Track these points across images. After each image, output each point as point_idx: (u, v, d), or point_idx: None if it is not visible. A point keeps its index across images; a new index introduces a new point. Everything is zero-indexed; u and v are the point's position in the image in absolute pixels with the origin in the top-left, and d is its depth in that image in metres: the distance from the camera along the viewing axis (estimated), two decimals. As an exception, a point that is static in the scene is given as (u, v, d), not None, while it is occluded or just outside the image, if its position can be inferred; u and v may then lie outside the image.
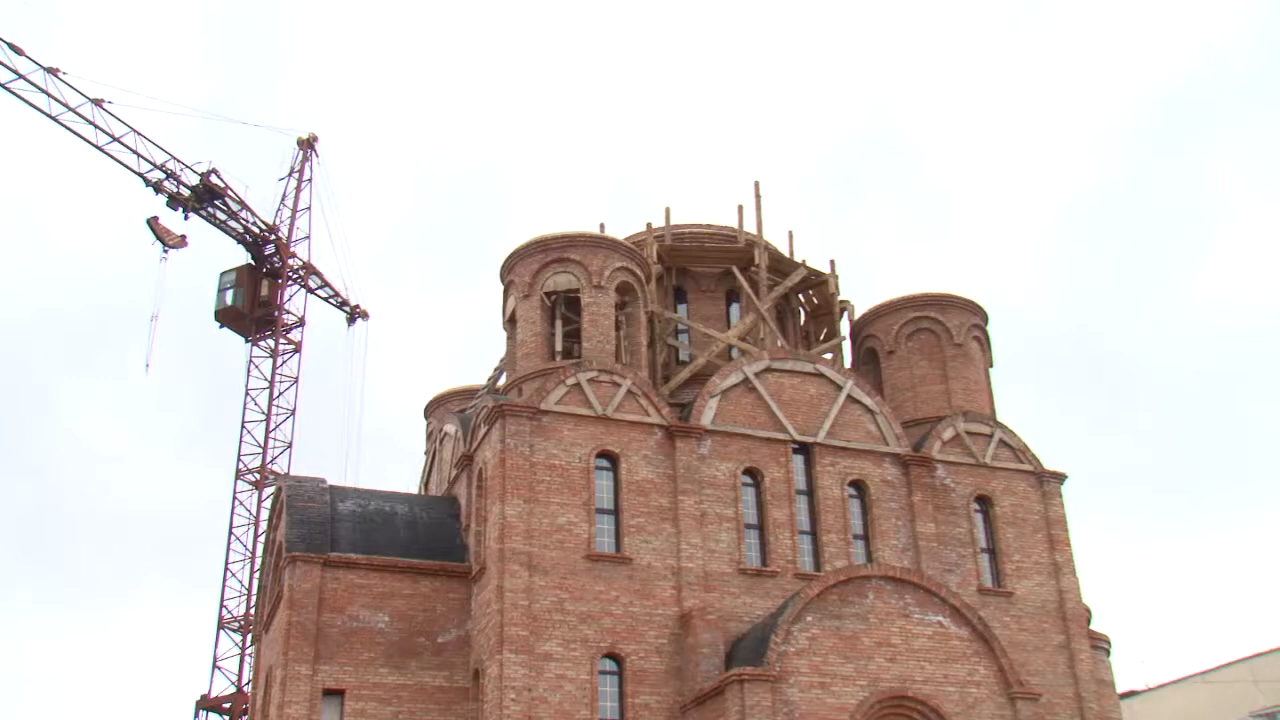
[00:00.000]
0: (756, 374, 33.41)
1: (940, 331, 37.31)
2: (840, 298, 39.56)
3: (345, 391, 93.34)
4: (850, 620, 27.81)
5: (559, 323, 33.84)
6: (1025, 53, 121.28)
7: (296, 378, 61.25)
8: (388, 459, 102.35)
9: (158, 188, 58.07)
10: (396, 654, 29.92)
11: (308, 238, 63.18)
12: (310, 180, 64.06)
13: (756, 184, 38.45)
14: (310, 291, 64.02)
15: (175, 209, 58.91)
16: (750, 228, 38.40)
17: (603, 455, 31.01)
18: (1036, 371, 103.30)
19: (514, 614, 28.14)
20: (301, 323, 62.43)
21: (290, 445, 59.70)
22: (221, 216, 60.03)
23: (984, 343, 38.32)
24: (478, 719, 29.03)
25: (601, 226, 38.30)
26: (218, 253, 66.65)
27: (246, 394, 60.40)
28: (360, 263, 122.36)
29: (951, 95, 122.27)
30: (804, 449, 33.24)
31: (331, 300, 65.17)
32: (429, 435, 42.45)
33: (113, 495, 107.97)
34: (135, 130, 56.66)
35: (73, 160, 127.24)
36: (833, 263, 39.61)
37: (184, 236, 60.13)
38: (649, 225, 38.18)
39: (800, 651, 27.01)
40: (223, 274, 61.55)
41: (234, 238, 60.93)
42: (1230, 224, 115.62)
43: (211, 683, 55.16)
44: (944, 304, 37.78)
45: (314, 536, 30.74)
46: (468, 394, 41.45)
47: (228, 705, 54.55)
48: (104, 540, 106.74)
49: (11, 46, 53.35)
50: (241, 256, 61.68)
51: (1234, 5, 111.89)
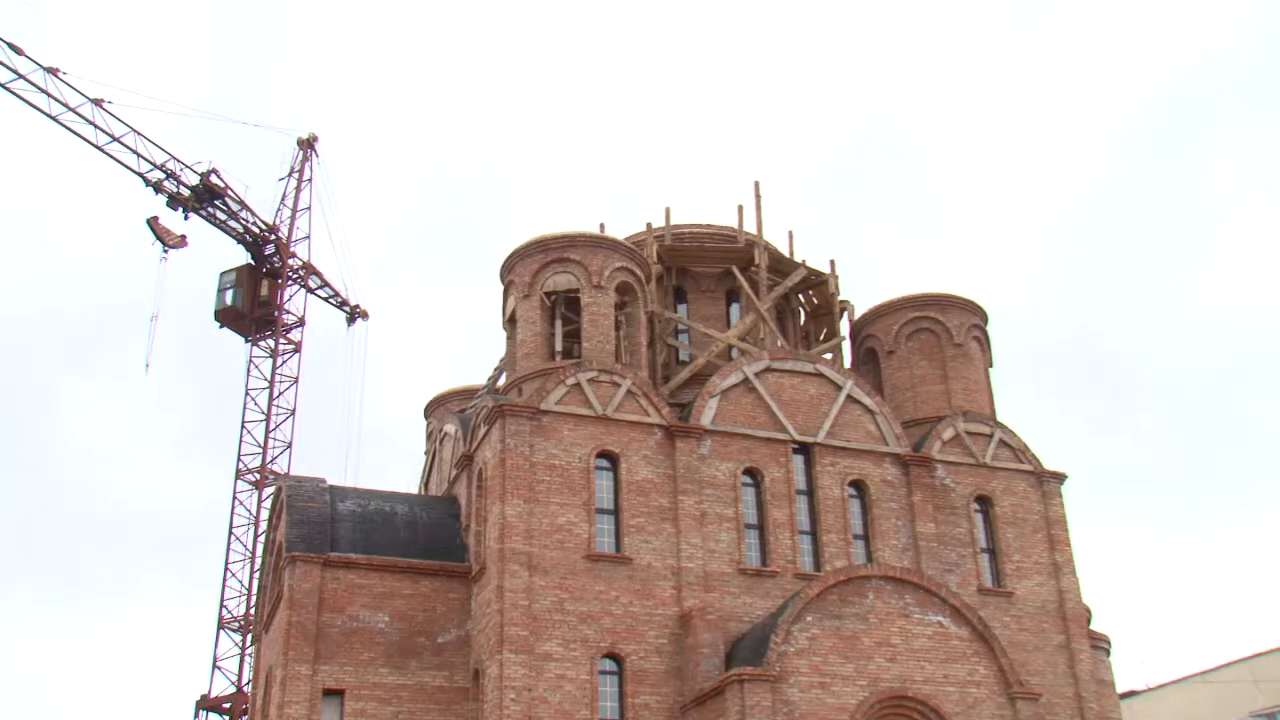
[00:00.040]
0: (756, 374, 33.41)
1: (940, 331, 37.32)
2: (840, 298, 39.56)
3: (345, 391, 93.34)
4: (850, 620, 27.80)
5: (559, 323, 33.84)
6: (1025, 53, 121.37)
7: (296, 378, 61.30)
8: (388, 459, 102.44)
9: (158, 188, 58.07)
10: (396, 654, 29.92)
11: (308, 238, 63.30)
12: (310, 180, 64.15)
13: (756, 184, 38.49)
14: (310, 291, 64.05)
15: (175, 209, 58.91)
16: (750, 228, 38.41)
17: (603, 455, 31.01)
18: (1036, 371, 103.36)
19: (514, 614, 28.14)
20: (301, 323, 62.45)
21: (290, 445, 59.79)
22: (221, 216, 60.03)
23: (984, 343, 38.33)
24: (478, 719, 29.04)
25: (601, 226, 38.30)
26: (218, 253, 66.73)
27: (246, 394, 60.44)
28: (360, 263, 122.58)
29: (951, 95, 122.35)
30: (804, 449, 33.24)
31: (331, 300, 65.18)
32: (429, 435, 42.45)
33: (113, 495, 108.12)
34: (135, 130, 56.74)
35: (73, 160, 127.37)
36: (833, 263, 39.65)
37: (184, 236, 60.14)
38: (649, 225, 38.19)
39: (800, 651, 27.01)
40: (223, 274, 61.54)
41: (234, 238, 60.94)
42: (1230, 224, 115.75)
43: (211, 683, 55.24)
44: (944, 304, 37.79)
45: (314, 536, 30.75)
46: (468, 394, 41.44)
47: (228, 705, 54.56)
48: (104, 540, 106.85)
49: (11, 46, 53.39)
50: (241, 256, 61.74)
51: (1234, 5, 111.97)
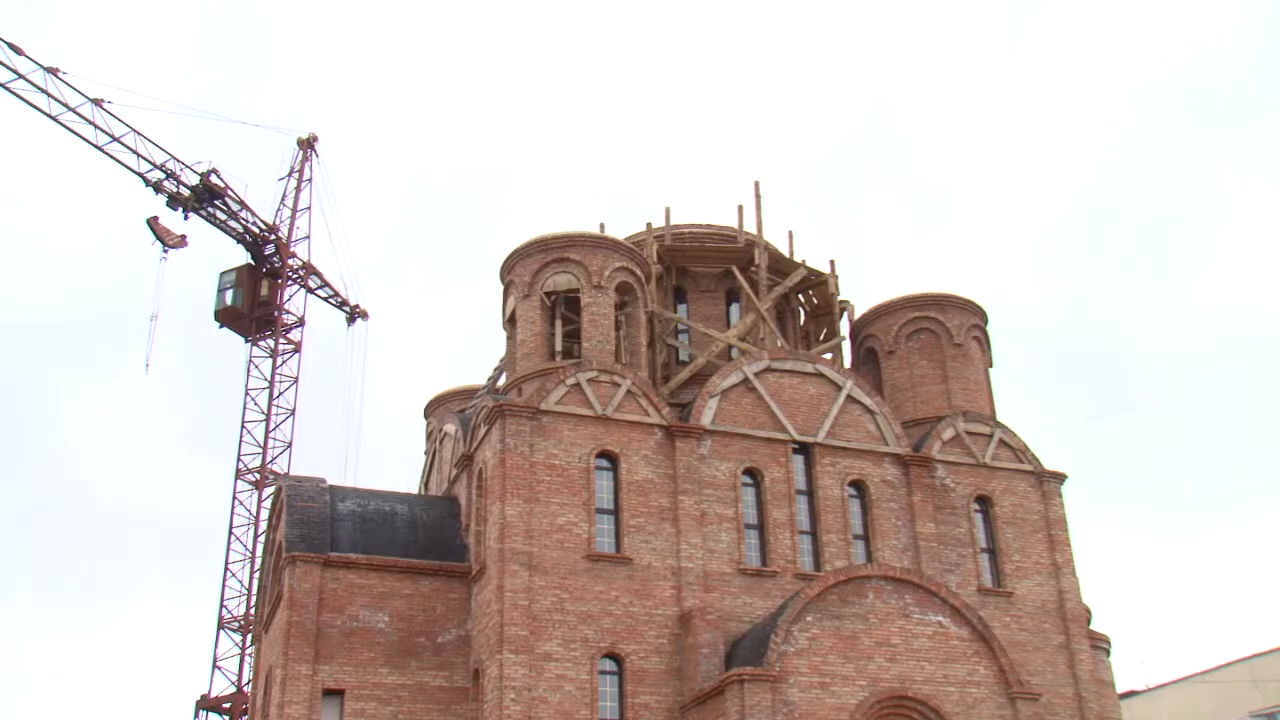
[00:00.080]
0: (756, 374, 33.41)
1: (940, 331, 37.32)
2: (840, 298, 39.56)
3: (345, 391, 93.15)
4: (850, 620, 27.79)
5: (559, 323, 33.84)
6: (1025, 53, 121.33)
7: (296, 378, 61.28)
8: (388, 459, 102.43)
9: (158, 188, 58.05)
10: (396, 654, 29.91)
11: (308, 238, 63.29)
12: (310, 180, 64.14)
13: (756, 184, 38.49)
14: (310, 291, 64.04)
15: (175, 209, 58.89)
16: (750, 228, 38.41)
17: (603, 455, 31.00)
18: (1036, 371, 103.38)
19: (514, 614, 28.14)
20: (301, 323, 62.43)
21: (290, 445, 59.78)
22: (221, 216, 60.01)
23: (984, 343, 38.33)
24: (478, 719, 29.04)
25: (601, 226, 38.30)
26: (218, 253, 66.74)
27: (246, 394, 60.42)
28: (360, 263, 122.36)
29: (951, 95, 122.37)
30: (804, 449, 33.24)
31: (331, 300, 65.17)
32: (429, 435, 42.45)
33: (113, 495, 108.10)
34: (135, 130, 56.71)
35: (73, 160, 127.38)
36: (833, 263, 39.65)
37: (184, 236, 60.12)
38: (649, 225, 38.18)
39: (800, 651, 27.00)
40: (223, 274, 61.52)
41: (234, 238, 60.93)
42: (1230, 224, 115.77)
43: (211, 683, 55.23)
44: (944, 304, 37.78)
45: (314, 536, 30.74)
46: (468, 394, 41.44)
47: (228, 705, 54.56)
48: (104, 540, 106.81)
49: (11, 46, 53.37)
50: (241, 256, 61.73)
51: (1234, 5, 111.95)
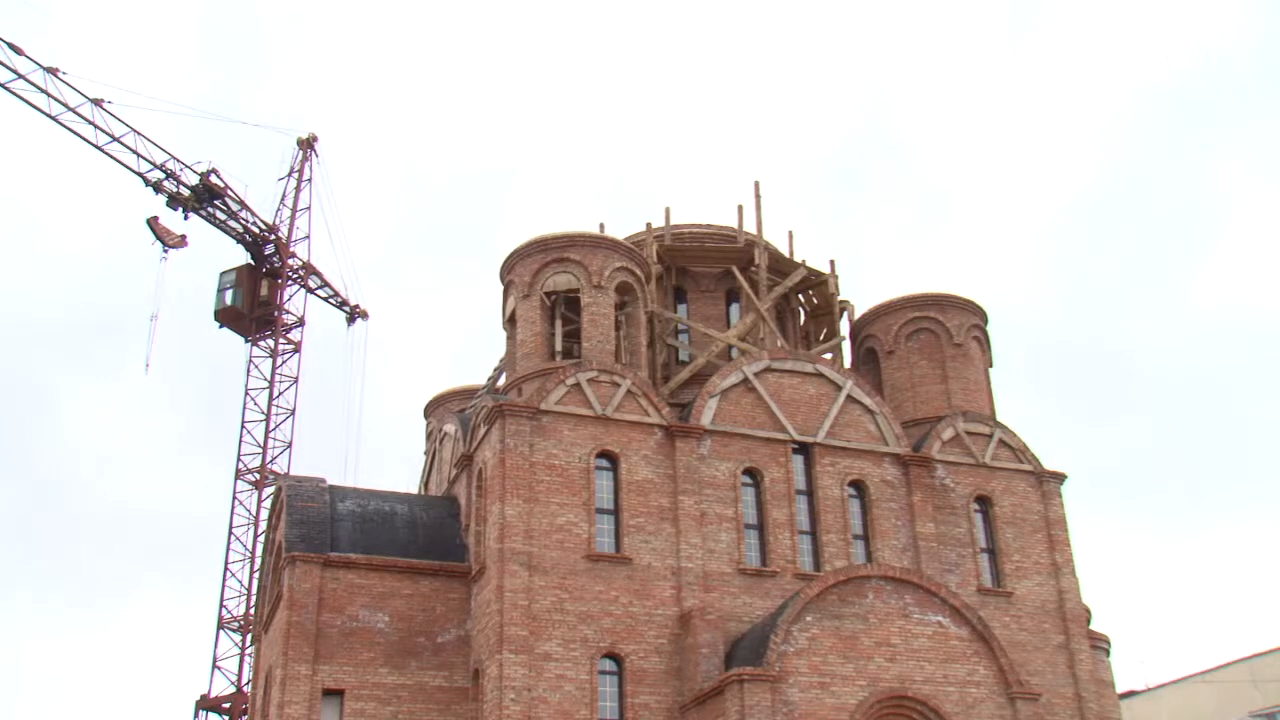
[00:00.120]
0: (756, 374, 33.40)
1: (940, 331, 37.32)
2: (840, 298, 39.55)
3: (345, 391, 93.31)
4: (850, 620, 27.79)
5: (559, 323, 33.84)
6: (1025, 52, 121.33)
7: (296, 378, 61.30)
8: (388, 459, 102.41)
9: (158, 188, 58.06)
10: (396, 654, 29.91)
11: (307, 238, 63.30)
12: (310, 180, 64.15)
13: (756, 184, 38.49)
14: (310, 291, 64.05)
15: (175, 209, 58.90)
16: (750, 228, 38.40)
17: (602, 455, 31.00)
18: (1036, 371, 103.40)
19: (514, 614, 28.14)
20: (301, 323, 62.45)
21: (290, 445, 59.80)
22: (221, 216, 60.03)
23: (983, 343, 38.33)
24: (477, 719, 29.04)
25: (601, 226, 38.30)
26: (218, 253, 66.83)
27: (246, 394, 60.44)
28: (360, 263, 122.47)
29: (951, 95, 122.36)
30: (804, 449, 33.23)
31: (331, 300, 65.18)
32: (429, 435, 42.44)
33: (113, 495, 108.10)
34: (135, 130, 56.73)
35: (73, 160, 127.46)
36: (833, 263, 39.65)
37: (184, 236, 60.13)
38: (649, 225, 38.18)
39: (800, 651, 27.00)
40: (222, 274, 61.53)
41: (234, 238, 60.94)
42: (1230, 224, 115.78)
43: (211, 683, 55.25)
44: (944, 304, 37.78)
45: (314, 536, 30.73)
46: (468, 394, 41.44)
47: (227, 705, 54.57)
48: (104, 540, 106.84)
49: (11, 46, 53.39)
50: (241, 256, 61.75)
51: (1234, 5, 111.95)
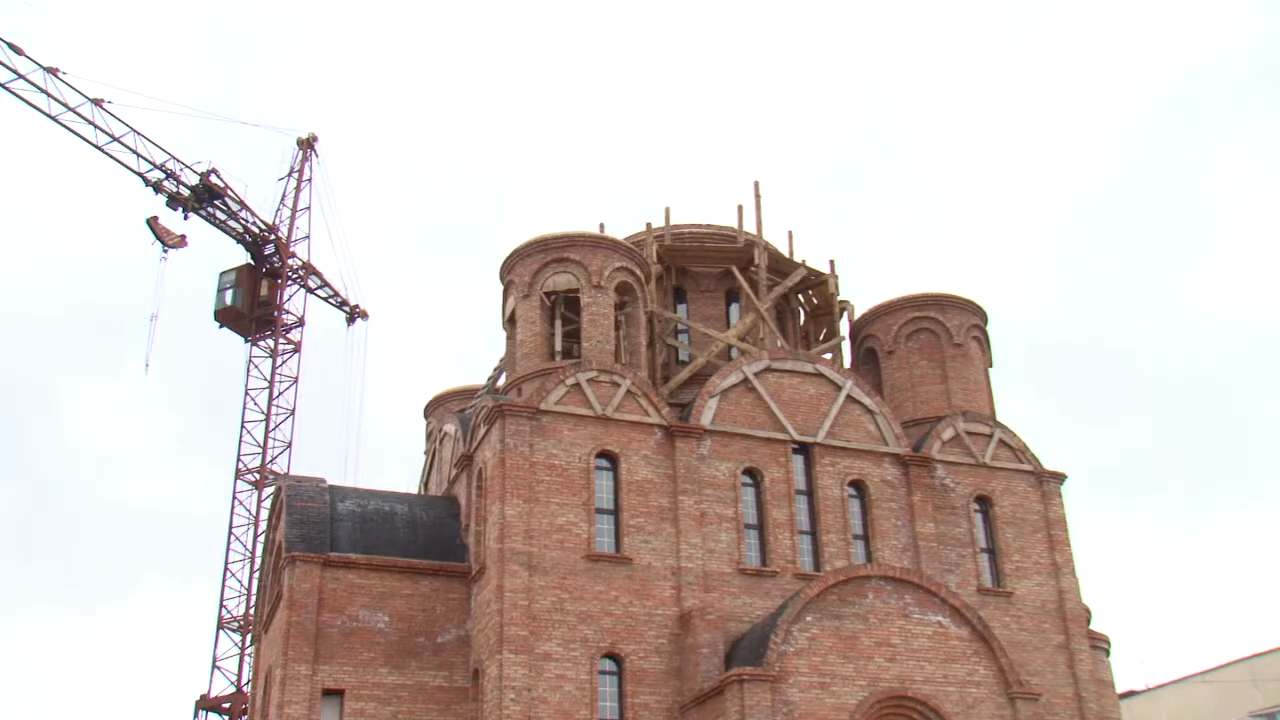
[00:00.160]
0: (756, 374, 33.40)
1: (940, 331, 37.32)
2: (840, 298, 39.54)
3: (345, 391, 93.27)
4: (850, 620, 27.79)
5: (559, 323, 33.84)
6: (1025, 52, 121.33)
7: (296, 378, 61.31)
8: (388, 459, 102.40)
9: (157, 188, 58.05)
10: (396, 654, 29.91)
11: (307, 237, 63.31)
12: (310, 180, 64.16)
13: (756, 184, 38.48)
14: (310, 291, 64.06)
15: (175, 209, 58.90)
16: (750, 228, 38.40)
17: (602, 455, 31.00)
18: (1036, 371, 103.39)
19: (514, 614, 28.14)
20: (301, 323, 62.45)
21: (290, 445, 59.81)
22: (221, 216, 60.02)
23: (983, 343, 38.33)
24: (477, 719, 29.04)
25: (601, 226, 38.30)
26: (217, 253, 66.76)
27: (246, 394, 60.44)
28: (360, 263, 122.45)
29: (951, 95, 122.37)
30: (804, 449, 33.23)
31: (331, 300, 65.18)
32: (429, 435, 42.44)
33: (113, 495, 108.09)
34: (135, 130, 56.73)
35: (73, 160, 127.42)
36: (832, 263, 39.64)
37: (184, 236, 60.13)
38: (649, 225, 38.17)
39: (800, 651, 27.00)
40: (222, 274, 61.53)
41: (234, 238, 60.93)
42: (1230, 224, 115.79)
43: (211, 683, 55.26)
44: (944, 304, 37.78)
45: (314, 536, 30.73)
46: (468, 394, 41.44)
47: (227, 705, 54.57)
48: (104, 540, 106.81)
49: (11, 46, 53.39)
50: (241, 256, 61.75)
51: (1234, 5, 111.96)
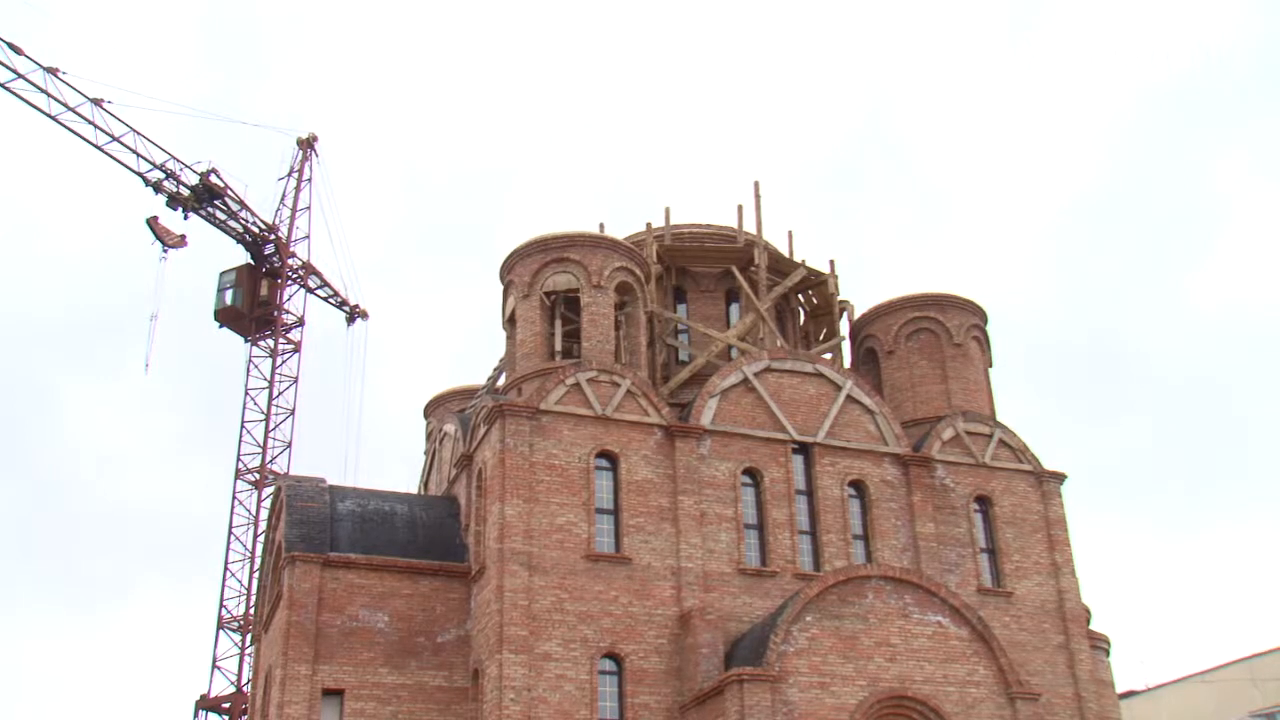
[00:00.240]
0: (756, 374, 33.40)
1: (940, 331, 37.32)
2: (840, 298, 39.55)
3: (345, 391, 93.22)
4: (850, 620, 27.79)
5: (559, 323, 33.84)
6: (1025, 52, 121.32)
7: (296, 378, 61.33)
8: (388, 459, 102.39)
9: (157, 188, 58.07)
10: (396, 654, 29.91)
11: (307, 237, 63.34)
12: (310, 180, 64.19)
13: (756, 184, 38.48)
14: (310, 291, 64.07)
15: (175, 209, 58.93)
16: (750, 228, 38.40)
17: (602, 455, 31.00)
18: (1036, 371, 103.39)
19: (513, 614, 28.14)
20: (301, 323, 62.48)
21: (290, 445, 59.83)
22: (221, 216, 60.04)
23: (983, 343, 38.33)
24: (477, 719, 29.04)
25: (601, 226, 38.30)
26: (217, 253, 66.84)
27: (246, 394, 60.46)
28: (360, 263, 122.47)
29: (951, 95, 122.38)
30: (803, 449, 33.23)
31: (331, 300, 65.19)
32: (429, 435, 42.44)
33: (113, 495, 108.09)
34: (135, 130, 56.77)
35: (73, 160, 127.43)
36: (832, 263, 39.65)
37: (184, 236, 60.15)
38: (649, 225, 38.18)
39: (800, 651, 27.00)
40: (222, 274, 61.55)
41: (234, 238, 60.95)
42: (1230, 224, 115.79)
43: (211, 683, 55.28)
44: (944, 304, 37.78)
45: (313, 536, 30.73)
46: (467, 394, 41.44)
47: (227, 705, 54.59)
48: (104, 540, 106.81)
49: (11, 46, 53.42)
50: (241, 256, 61.77)
51: (1234, 5, 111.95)
